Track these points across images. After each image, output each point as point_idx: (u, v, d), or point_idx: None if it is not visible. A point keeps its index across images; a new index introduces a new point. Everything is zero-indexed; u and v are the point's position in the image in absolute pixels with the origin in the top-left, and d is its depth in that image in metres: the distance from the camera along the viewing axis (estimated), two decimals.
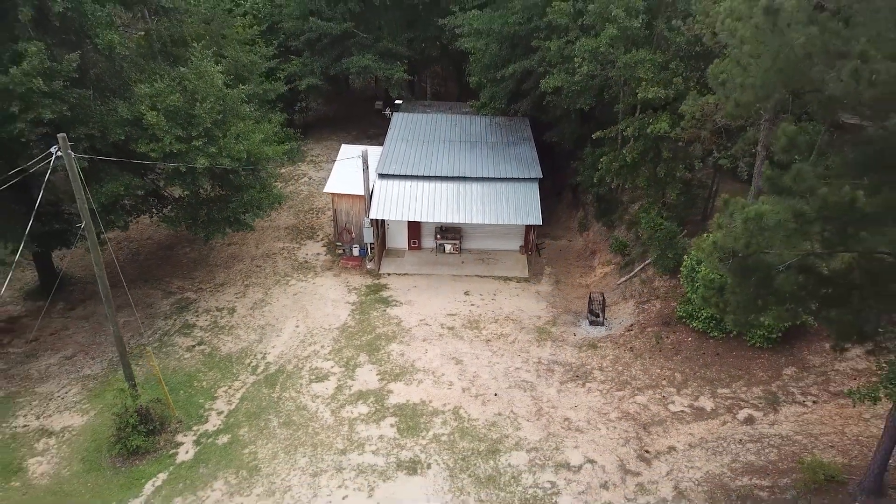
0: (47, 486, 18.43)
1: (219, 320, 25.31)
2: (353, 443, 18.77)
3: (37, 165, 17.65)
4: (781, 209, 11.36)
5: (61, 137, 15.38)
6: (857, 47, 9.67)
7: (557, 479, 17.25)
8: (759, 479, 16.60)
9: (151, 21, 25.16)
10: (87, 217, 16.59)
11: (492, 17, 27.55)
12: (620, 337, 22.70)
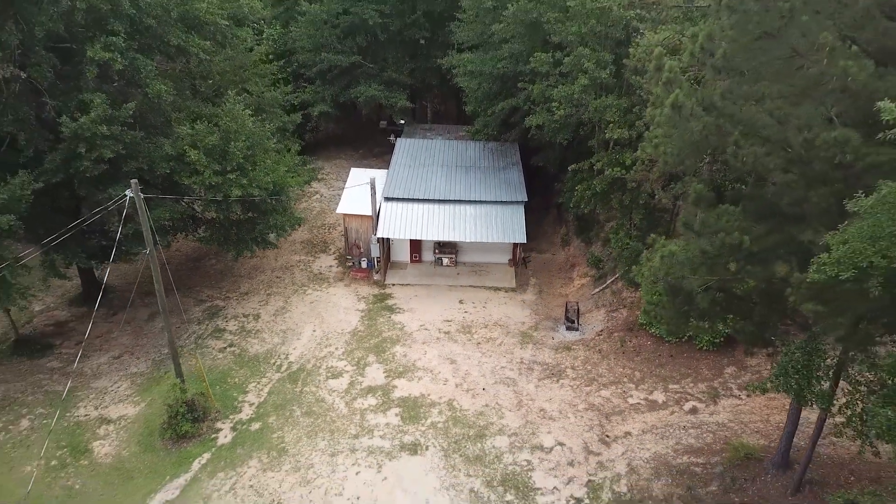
0: (111, 465, 22.14)
1: (246, 325, 29.03)
2: (364, 429, 22.47)
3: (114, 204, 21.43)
4: (690, 248, 15.05)
5: (134, 182, 19.10)
6: (734, 136, 13.34)
7: (532, 458, 20.93)
8: (695, 457, 20.26)
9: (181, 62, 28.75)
10: (150, 244, 20.30)
11: (483, 59, 31.32)
12: (591, 341, 26.39)
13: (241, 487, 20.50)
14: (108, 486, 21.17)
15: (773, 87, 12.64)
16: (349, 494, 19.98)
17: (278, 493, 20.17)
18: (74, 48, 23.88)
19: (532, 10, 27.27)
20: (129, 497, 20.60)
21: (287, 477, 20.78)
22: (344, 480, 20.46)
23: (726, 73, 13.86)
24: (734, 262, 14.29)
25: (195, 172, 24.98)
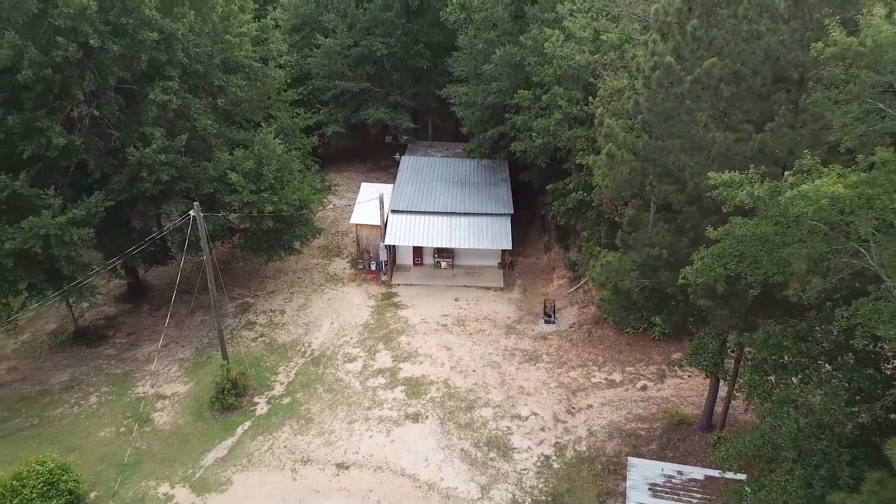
0: (170, 430, 26.96)
1: (273, 319, 33.87)
2: (375, 402, 27.28)
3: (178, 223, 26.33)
4: (623, 259, 19.83)
5: (196, 205, 23.93)
6: (650, 178, 18.13)
7: (512, 424, 25.73)
8: (641, 424, 25.05)
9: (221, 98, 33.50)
10: (207, 252, 25.10)
11: (476, 91, 36.13)
12: (564, 332, 31.19)
13: (276, 448, 25.33)
14: (169, 447, 26.00)
15: (676, 143, 17.41)
16: (364, 453, 24.81)
17: (307, 452, 25.00)
18: (136, 90, 28.74)
19: (516, 53, 32.12)
20: (187, 455, 25.42)
21: (313, 440, 25.60)
22: (360, 442, 25.28)
23: (646, 130, 18.65)
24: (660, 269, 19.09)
25: (234, 191, 29.79)
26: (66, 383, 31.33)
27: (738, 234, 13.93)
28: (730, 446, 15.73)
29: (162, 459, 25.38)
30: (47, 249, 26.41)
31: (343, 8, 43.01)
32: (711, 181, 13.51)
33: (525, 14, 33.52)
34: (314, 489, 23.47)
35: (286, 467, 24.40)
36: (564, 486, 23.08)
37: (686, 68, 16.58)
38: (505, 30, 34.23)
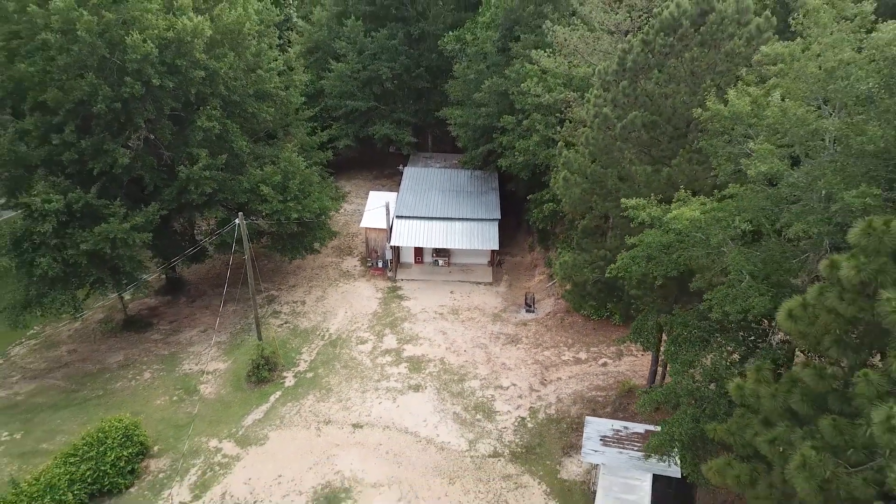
0: (214, 398, 32.41)
1: (295, 308, 39.33)
2: (383, 376, 32.74)
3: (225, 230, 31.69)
4: (577, 258, 25.25)
5: (240, 214, 29.36)
6: (595, 197, 23.55)
7: (495, 393, 31.18)
8: (600, 392, 30.50)
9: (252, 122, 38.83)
10: (248, 252, 30.53)
11: (468, 114, 41.55)
12: (541, 319, 36.63)
13: (303, 411, 30.80)
14: (214, 412, 31.46)
15: (613, 171, 22.84)
16: (374, 416, 30.26)
17: (328, 415, 30.47)
18: (184, 116, 34.17)
19: (501, 84, 37.52)
20: (230, 417, 30.89)
21: (333, 405, 31.07)
22: (371, 407, 30.74)
23: (593, 159, 24.07)
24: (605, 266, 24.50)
25: (265, 201, 35.22)
26: (121, 362, 36.84)
27: (647, 242, 19.35)
28: (645, 397, 21.18)
29: (209, 421, 30.84)
30: (114, 250, 31.92)
31: (353, 36, 48.39)
32: (623, 204, 18.93)
33: (510, 49, 38.91)
34: (335, 443, 28.92)
35: (311, 426, 29.88)
36: (536, 441, 28.55)
37: (619, 116, 22.04)
38: (493, 62, 39.68)
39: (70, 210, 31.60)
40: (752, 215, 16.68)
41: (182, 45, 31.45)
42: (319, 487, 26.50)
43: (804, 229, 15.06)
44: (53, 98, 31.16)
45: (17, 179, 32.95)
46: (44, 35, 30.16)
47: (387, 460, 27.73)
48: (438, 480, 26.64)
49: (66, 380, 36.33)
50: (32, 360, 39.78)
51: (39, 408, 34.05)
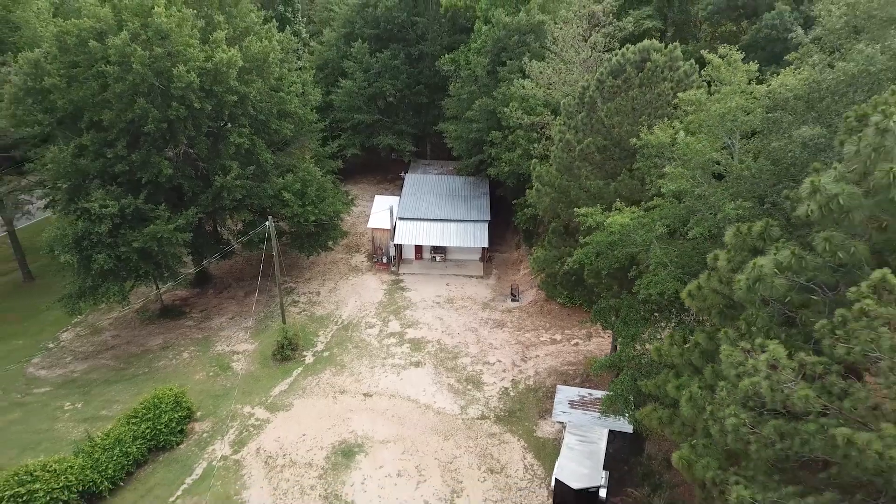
0: (245, 373, 37.76)
1: (312, 298, 44.68)
2: (388, 354, 38.10)
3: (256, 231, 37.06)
4: (548, 254, 30.61)
5: (270, 218, 34.69)
6: (562, 204, 28.92)
7: (483, 368, 36.57)
8: (571, 366, 35.89)
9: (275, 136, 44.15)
10: (276, 250, 35.88)
11: (461, 128, 46.87)
12: (524, 307, 42.03)
13: (321, 383, 36.17)
14: (246, 384, 36.79)
15: (574, 185, 28.19)
16: (381, 387, 35.63)
17: (342, 386, 35.84)
18: (218, 133, 39.47)
19: (490, 104, 42.86)
20: (260, 389, 36.24)
21: (347, 378, 36.44)
22: (378, 380, 36.11)
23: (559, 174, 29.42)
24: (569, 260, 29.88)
25: (286, 205, 40.56)
26: (161, 345, 42.21)
27: (595, 241, 24.72)
28: (595, 363, 26.56)
29: (242, 392, 36.21)
30: (160, 248, 37.26)
31: (359, 57, 53.66)
32: (576, 212, 24.31)
33: (497, 72, 44.21)
34: (349, 409, 34.30)
35: (329, 395, 35.27)
36: (517, 406, 33.96)
37: (578, 140, 27.41)
38: (483, 84, 45.02)
39: (122, 213, 36.99)
40: (669, 221, 22.04)
41: (218, 73, 36.76)
42: (337, 443, 31.88)
43: (700, 232, 20.42)
44: (109, 119, 36.51)
45: (76, 188, 38.29)
46: (102, 66, 35.47)
47: (392, 422, 33.13)
48: (435, 438, 32.04)
49: (115, 360, 41.74)
50: (80, 344, 45.21)
51: (94, 383, 39.43)
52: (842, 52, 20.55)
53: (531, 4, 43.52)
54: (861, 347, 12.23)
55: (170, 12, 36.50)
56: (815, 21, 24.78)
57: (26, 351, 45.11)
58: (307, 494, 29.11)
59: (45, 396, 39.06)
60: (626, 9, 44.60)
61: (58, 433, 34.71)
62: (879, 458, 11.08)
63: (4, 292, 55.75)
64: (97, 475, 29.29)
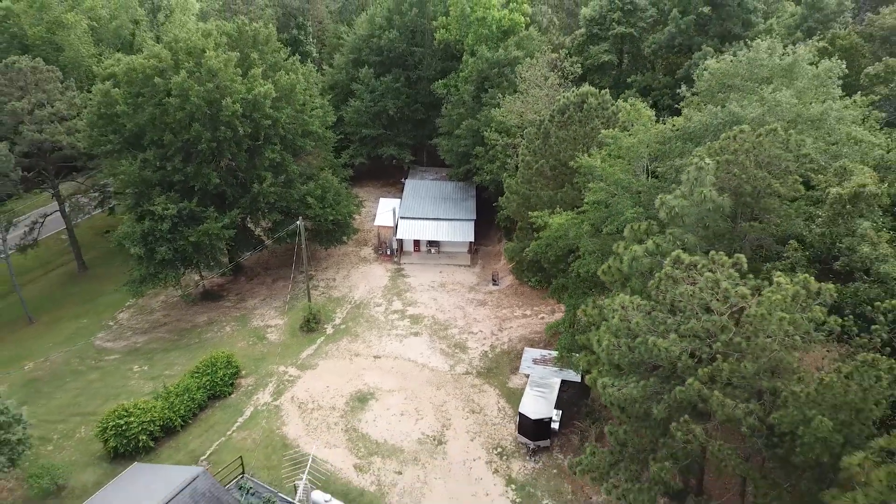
0: (277, 342, 46.54)
1: (329, 283, 53.48)
2: (393, 327, 46.95)
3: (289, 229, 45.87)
4: (517, 245, 39.41)
5: (301, 218, 43.46)
6: (525, 208, 37.76)
7: (468, 336, 45.44)
8: (537, 334, 44.74)
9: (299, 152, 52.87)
10: (303, 243, 44.68)
11: (452, 143, 55.61)
12: (503, 290, 50.90)
13: (340, 349, 44.97)
14: (279, 350, 45.56)
15: (533, 193, 36.95)
16: (387, 351, 44.44)
17: (357, 351, 44.65)
18: (255, 149, 48.17)
19: (475, 125, 51.59)
20: (291, 353, 45.00)
21: (360, 345, 45.24)
22: (385, 346, 44.92)
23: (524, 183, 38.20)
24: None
25: (309, 207, 49.27)
26: (206, 321, 50.98)
27: (545, 236, 33.52)
28: (548, 328, 35.38)
29: (277, 356, 44.98)
30: (210, 242, 46.00)
31: (366, 80, 62.30)
32: (531, 214, 33.10)
33: (481, 98, 52.94)
34: (362, 368, 43.09)
35: (346, 358, 44.07)
36: (493, 365, 42.81)
37: (536, 160, 36.22)
38: (469, 107, 53.74)
39: (180, 214, 45.70)
40: (592, 221, 30.84)
41: (256, 103, 45.45)
42: (353, 392, 40.71)
43: (611, 229, 29.23)
44: (168, 139, 45.20)
45: (141, 194, 46.98)
46: (163, 97, 44.15)
47: (396, 377, 41.97)
48: (430, 388, 40.88)
49: (169, 333, 50.54)
50: (136, 322, 54.01)
51: (155, 351, 48.25)
52: (707, 106, 29.31)
53: (508, 42, 52.26)
54: (671, 295, 21.05)
55: (217, 54, 45.17)
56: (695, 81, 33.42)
57: (91, 328, 53.96)
58: (332, 429, 37.95)
59: (115, 362, 47.86)
60: (587, 45, 53.36)
61: (131, 388, 43.48)
62: (666, 352, 19.90)
63: (64, 280, 64.55)
64: (172, 414, 38.10)
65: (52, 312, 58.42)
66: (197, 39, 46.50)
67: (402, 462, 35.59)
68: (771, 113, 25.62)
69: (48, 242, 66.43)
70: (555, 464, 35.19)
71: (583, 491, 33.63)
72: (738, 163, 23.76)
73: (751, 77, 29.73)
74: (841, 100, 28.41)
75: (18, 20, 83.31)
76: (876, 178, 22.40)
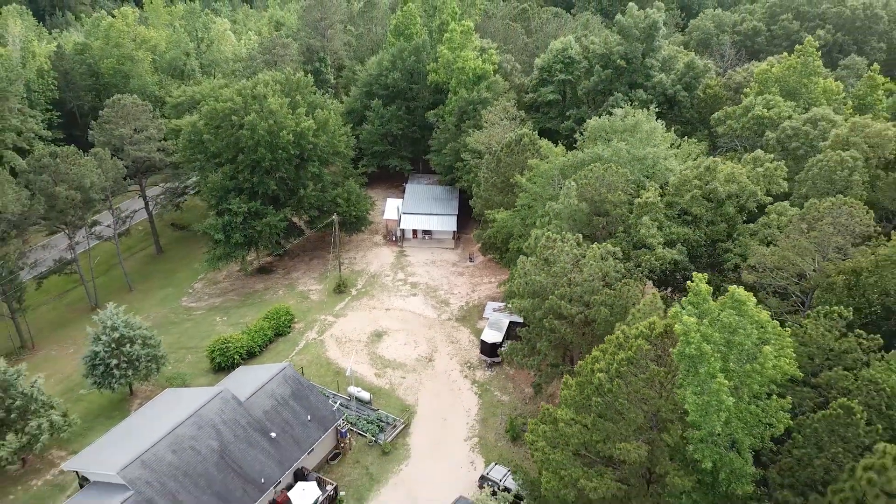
0: (317, 301, 65.25)
1: (351, 261, 72.25)
2: (398, 290, 65.69)
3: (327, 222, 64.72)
4: (482, 233, 58.20)
5: (336, 214, 62.13)
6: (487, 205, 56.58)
7: (450, 296, 64.16)
8: (498, 294, 63.51)
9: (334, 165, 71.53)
10: (335, 232, 63.45)
11: (441, 158, 74.11)
12: (476, 265, 69.68)
13: (362, 304, 63.67)
14: (320, 305, 64.25)
15: (491, 197, 55.63)
16: (395, 306, 63.13)
17: (374, 305, 63.34)
18: (300, 165, 66.76)
19: (457, 146, 70.09)
20: (327, 307, 63.68)
21: (375, 302, 63.92)
22: (393, 302, 63.59)
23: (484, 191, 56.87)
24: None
25: (338, 206, 67.87)
26: (263, 288, 69.77)
27: (495, 227, 52.20)
28: (501, 284, 54.09)
29: (318, 309, 63.65)
30: (270, 230, 64.71)
31: (376, 110, 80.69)
32: (487, 212, 51.81)
33: (461, 126, 71.29)
34: (378, 316, 61.70)
35: (366, 309, 62.80)
36: (467, 314, 61.49)
37: (492, 176, 54.96)
38: (452, 133, 72.20)
39: (248, 211, 64.34)
40: (521, 217, 49.49)
41: (302, 133, 64.03)
42: (372, 331, 59.44)
43: (533, 221, 47.87)
44: (240, 158, 63.81)
45: (220, 197, 65.59)
46: (237, 130, 62.74)
47: (401, 321, 60.75)
48: (424, 328, 59.70)
49: (237, 296, 69.33)
50: (208, 291, 72.81)
51: (229, 308, 67.04)
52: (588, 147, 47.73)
53: (481, 86, 70.71)
54: (546, 254, 39.83)
55: (275, 99, 63.71)
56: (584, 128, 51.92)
57: (176, 294, 72.76)
58: (359, 353, 56.80)
59: (201, 315, 66.70)
60: (539, 86, 71.83)
61: (217, 330, 62.18)
62: (541, 283, 38.67)
63: (147, 261, 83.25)
64: (253, 343, 56.86)
65: (143, 283, 77.08)
66: (260, 87, 64.99)
67: (405, 371, 54.44)
68: (615, 154, 44.18)
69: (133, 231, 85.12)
70: (503, 372, 54.13)
71: (520, 387, 52.59)
72: (591, 184, 42.49)
73: (612, 131, 48.33)
74: (664, 142, 47.11)
75: (93, 53, 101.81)
76: (658, 193, 40.94)
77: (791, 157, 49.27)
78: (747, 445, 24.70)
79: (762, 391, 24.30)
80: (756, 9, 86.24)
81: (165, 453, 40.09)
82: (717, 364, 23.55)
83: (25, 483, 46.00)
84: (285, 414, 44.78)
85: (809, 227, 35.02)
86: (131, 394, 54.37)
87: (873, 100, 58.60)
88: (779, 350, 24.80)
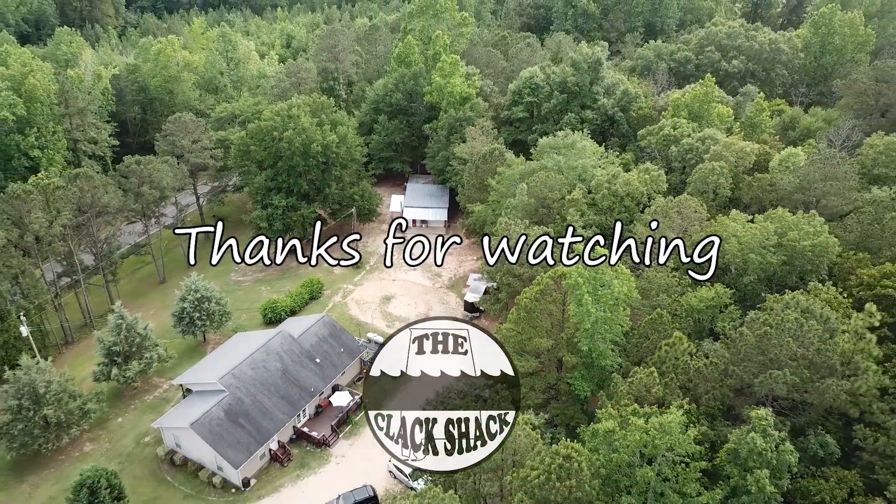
0: (340, 273, 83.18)
1: (364, 243, 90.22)
2: (402, 267, 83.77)
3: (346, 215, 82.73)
4: (467, 220, 76.20)
5: (354, 209, 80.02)
6: (473, 196, 74.61)
7: (443, 270, 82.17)
8: (478, 267, 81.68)
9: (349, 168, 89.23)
10: (355, 220, 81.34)
11: (435, 163, 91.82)
12: (463, 246, 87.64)
13: (374, 276, 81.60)
14: (342, 276, 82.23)
15: (472, 194, 73.60)
16: (399, 277, 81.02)
17: (383, 278, 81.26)
18: (325, 169, 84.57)
19: (448, 154, 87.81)
20: (349, 278, 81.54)
21: (384, 274, 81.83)
22: (398, 275, 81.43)
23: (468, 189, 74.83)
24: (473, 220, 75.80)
25: (354, 201, 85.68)
26: (296, 265, 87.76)
27: (476, 213, 70.18)
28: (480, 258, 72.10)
29: (342, 280, 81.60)
30: (303, 220, 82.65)
31: (383, 124, 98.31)
32: (468, 206, 69.75)
33: (451, 138, 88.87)
34: (387, 286, 79.58)
35: (378, 280, 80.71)
36: (454, 283, 79.60)
37: (475, 178, 72.98)
38: (443, 143, 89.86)
39: (287, 205, 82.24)
40: (492, 208, 67.36)
41: (328, 145, 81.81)
42: (383, 296, 77.45)
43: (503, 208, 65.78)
44: (280, 164, 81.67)
45: (263, 194, 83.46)
46: (277, 144, 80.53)
47: (405, 289, 78.76)
48: (422, 294, 77.73)
49: (276, 271, 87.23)
50: (252, 268, 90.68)
51: (271, 280, 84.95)
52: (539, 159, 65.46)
53: (466, 106, 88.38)
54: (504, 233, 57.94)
55: (307, 119, 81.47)
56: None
57: (226, 270, 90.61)
58: (374, 311, 74.93)
59: (248, 286, 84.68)
60: (512, 106, 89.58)
61: (263, 297, 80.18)
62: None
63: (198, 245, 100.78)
64: (294, 304, 74.86)
65: (198, 263, 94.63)
66: (294, 109, 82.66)
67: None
68: (556, 164, 61.94)
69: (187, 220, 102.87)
70: (481, 323, 72.23)
71: (491, 330, 70.88)
72: (538, 185, 60.44)
73: (555, 147, 66.12)
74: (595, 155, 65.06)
75: (143, 73, 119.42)
76: (583, 192, 58.73)
77: (689, 165, 67.42)
78: (608, 337, 42.76)
79: (613, 305, 42.31)
80: (691, 39, 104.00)
81: (247, 370, 58.10)
82: (586, 289, 41.52)
83: (141, 398, 64.08)
84: (325, 347, 62.90)
85: (670, 215, 53.22)
86: (205, 341, 72.33)
87: (759, 120, 76.70)
88: (626, 283, 42.85)
